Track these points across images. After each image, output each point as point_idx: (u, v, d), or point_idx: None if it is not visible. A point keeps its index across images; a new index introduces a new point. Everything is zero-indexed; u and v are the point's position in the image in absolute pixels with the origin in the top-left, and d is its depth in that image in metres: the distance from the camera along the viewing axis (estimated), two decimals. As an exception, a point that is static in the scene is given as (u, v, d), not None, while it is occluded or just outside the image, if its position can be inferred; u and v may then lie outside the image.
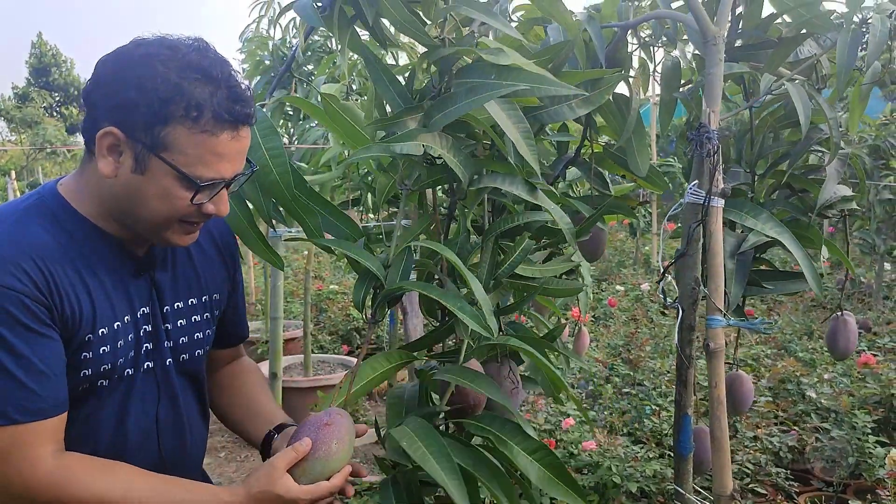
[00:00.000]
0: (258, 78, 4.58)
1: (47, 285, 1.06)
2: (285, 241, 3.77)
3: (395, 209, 3.16)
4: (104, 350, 1.13)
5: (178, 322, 1.25)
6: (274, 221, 1.34)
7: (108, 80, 1.07)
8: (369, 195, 3.37)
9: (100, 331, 1.13)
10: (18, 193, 11.62)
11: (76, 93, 34.08)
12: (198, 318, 1.28)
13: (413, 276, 1.23)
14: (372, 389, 1.22)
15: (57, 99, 34.04)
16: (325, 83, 2.86)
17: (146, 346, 1.21)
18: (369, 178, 3.27)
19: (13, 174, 12.25)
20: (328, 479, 1.12)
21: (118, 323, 1.15)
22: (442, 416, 1.29)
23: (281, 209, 1.33)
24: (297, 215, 1.27)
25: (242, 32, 5.07)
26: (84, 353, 1.11)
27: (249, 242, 1.34)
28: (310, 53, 4.43)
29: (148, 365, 1.21)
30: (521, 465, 1.14)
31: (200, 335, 1.29)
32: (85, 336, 1.11)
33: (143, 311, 1.20)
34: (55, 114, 32.91)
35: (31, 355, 1.03)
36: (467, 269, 1.12)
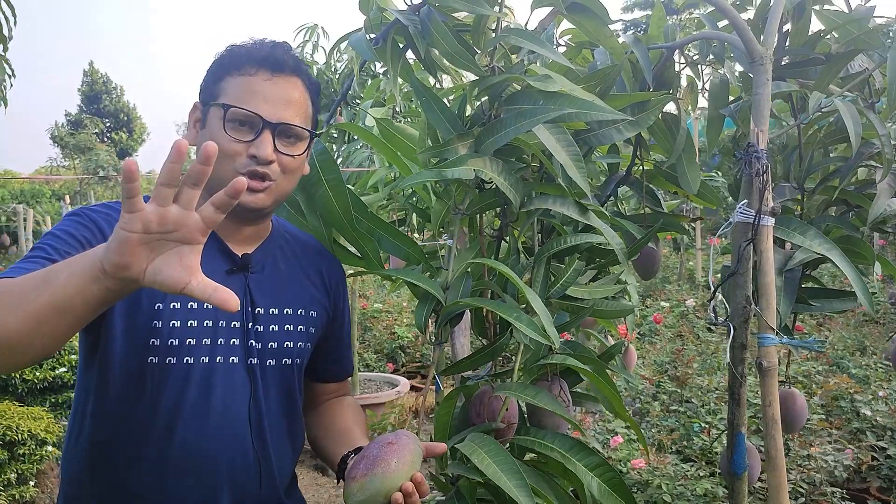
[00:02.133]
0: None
1: None
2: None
3: (441, 229, 3.19)
4: (174, 324, 1.20)
5: (270, 327, 1.29)
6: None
7: None
8: (414, 215, 3.41)
9: (171, 304, 1.20)
10: (72, 217, 12.04)
11: (125, 119, 35.07)
12: (290, 327, 1.32)
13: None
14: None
15: (107, 125, 35.06)
16: (371, 106, 2.92)
17: (232, 341, 1.25)
18: (414, 199, 3.32)
19: (67, 199, 12.68)
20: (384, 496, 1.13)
21: (193, 304, 1.21)
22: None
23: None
24: (356, 243, 1.31)
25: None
26: (155, 322, 1.19)
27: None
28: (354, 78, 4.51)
29: (233, 360, 1.25)
30: (583, 481, 1.16)
31: (291, 344, 1.32)
32: (155, 304, 1.19)
33: None
34: (105, 139, 33.88)
35: (61, 250, 1.13)
36: (524, 284, 1.15)
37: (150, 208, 0.84)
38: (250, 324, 1.27)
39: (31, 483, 3.64)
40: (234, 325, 1.25)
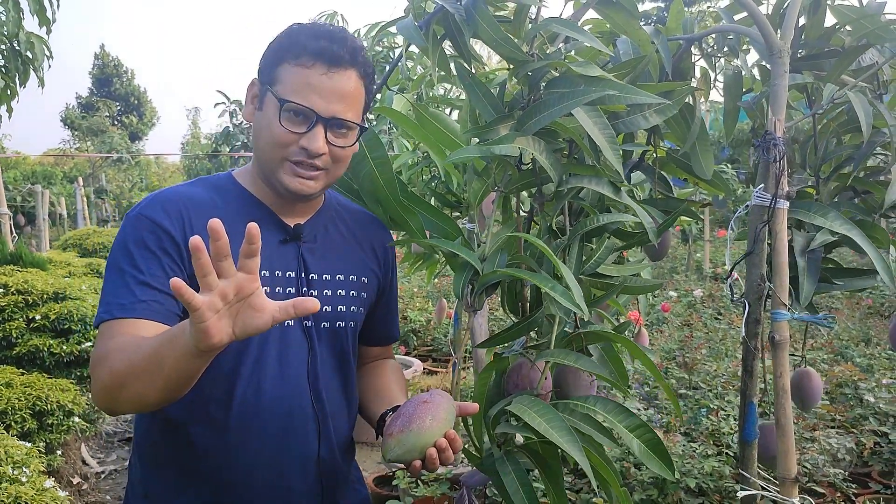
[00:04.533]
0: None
1: (182, 225, 1.28)
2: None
3: (457, 213, 3.28)
4: None
5: (324, 291, 1.39)
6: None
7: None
8: (433, 199, 3.52)
9: None
10: (86, 199, 12.17)
11: (136, 102, 35.20)
12: (343, 292, 1.41)
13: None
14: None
15: (118, 108, 35.19)
16: (396, 94, 3.02)
17: None
18: (434, 184, 3.42)
19: (80, 180, 12.80)
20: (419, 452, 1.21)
21: None
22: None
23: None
24: (401, 218, 1.41)
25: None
26: None
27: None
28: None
29: (288, 323, 1.34)
30: (625, 441, 1.26)
31: (344, 308, 1.41)
32: None
33: (289, 274, 1.35)
34: (116, 122, 34.03)
35: (145, 269, 1.24)
36: (558, 259, 1.24)
37: (207, 297, 0.97)
38: (304, 289, 1.36)
39: (58, 453, 3.76)
40: (290, 290, 1.34)
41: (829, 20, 1.77)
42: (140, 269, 1.23)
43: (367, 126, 1.38)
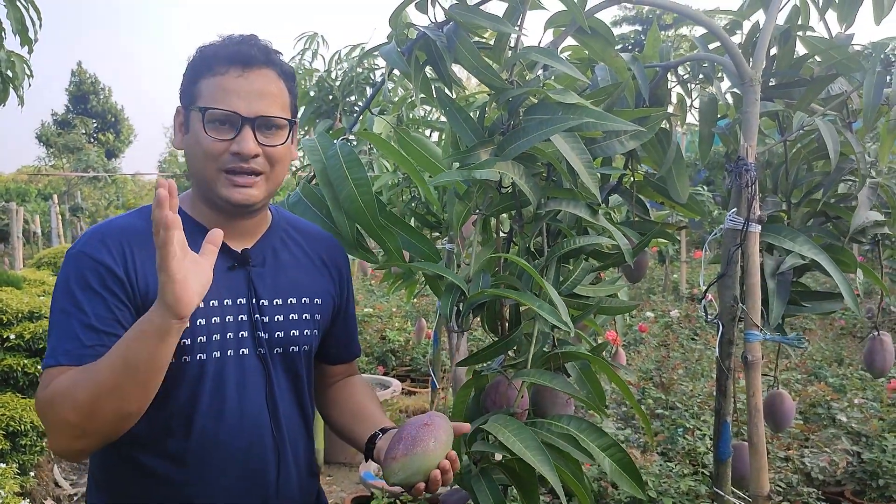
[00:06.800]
0: (302, 109, 4.79)
1: (124, 261, 1.24)
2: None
3: (437, 234, 3.31)
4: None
5: (276, 317, 1.35)
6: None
7: None
8: (412, 219, 3.55)
9: None
10: (61, 217, 12.04)
11: (113, 119, 35.02)
12: (295, 316, 1.38)
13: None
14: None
15: (95, 126, 34.95)
16: (377, 115, 3.05)
17: (241, 334, 1.31)
18: (413, 205, 3.45)
19: (55, 198, 12.68)
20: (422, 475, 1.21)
21: (200, 304, 1.24)
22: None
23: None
24: (380, 239, 1.43)
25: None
26: None
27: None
28: (353, 85, 4.64)
29: (243, 352, 1.31)
30: (596, 460, 1.28)
31: (297, 333, 1.38)
32: None
33: (240, 301, 1.32)
34: (92, 140, 33.78)
35: (89, 311, 1.20)
36: (541, 277, 1.27)
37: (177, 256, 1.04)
38: (256, 315, 1.33)
39: (32, 474, 3.71)
40: (242, 318, 1.32)
41: (800, 50, 1.83)
42: (84, 310, 1.20)
43: (296, 120, 1.35)
